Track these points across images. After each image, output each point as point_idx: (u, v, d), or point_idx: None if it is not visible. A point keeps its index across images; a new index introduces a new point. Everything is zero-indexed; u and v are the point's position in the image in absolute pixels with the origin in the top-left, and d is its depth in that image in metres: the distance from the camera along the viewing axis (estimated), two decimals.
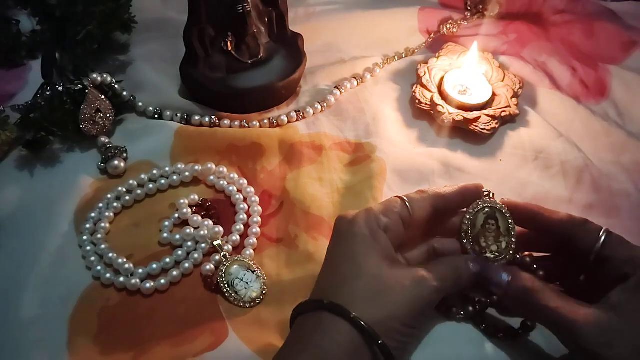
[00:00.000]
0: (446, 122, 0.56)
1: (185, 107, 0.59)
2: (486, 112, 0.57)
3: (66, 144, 0.56)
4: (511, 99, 0.59)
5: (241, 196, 0.53)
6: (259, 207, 0.52)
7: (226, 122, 0.58)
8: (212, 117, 0.58)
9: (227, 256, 0.48)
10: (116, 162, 0.53)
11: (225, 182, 0.54)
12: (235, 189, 0.53)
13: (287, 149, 0.56)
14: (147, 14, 0.68)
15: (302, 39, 0.61)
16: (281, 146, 0.56)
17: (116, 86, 0.58)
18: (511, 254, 0.43)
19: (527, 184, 0.54)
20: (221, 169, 0.54)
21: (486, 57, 0.63)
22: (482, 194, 0.44)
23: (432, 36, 0.68)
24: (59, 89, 0.56)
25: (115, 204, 0.51)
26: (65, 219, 0.50)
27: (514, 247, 0.43)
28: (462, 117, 0.56)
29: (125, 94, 0.59)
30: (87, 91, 0.55)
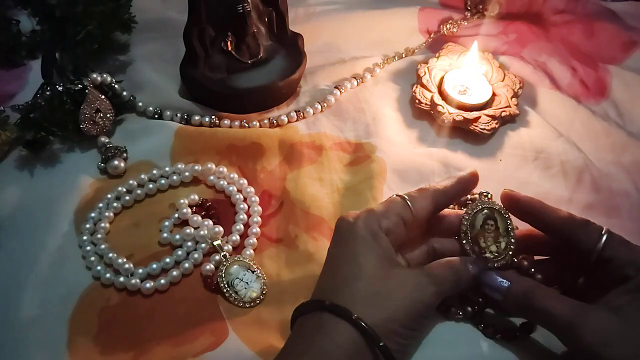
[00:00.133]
0: (446, 122, 0.56)
1: (185, 107, 0.59)
2: (486, 112, 0.57)
3: (66, 144, 0.56)
4: (511, 99, 0.59)
5: (241, 196, 0.53)
6: (259, 207, 0.52)
7: (226, 122, 0.58)
8: (212, 117, 0.58)
9: (227, 256, 0.48)
10: (116, 162, 0.54)
11: (225, 182, 0.54)
12: (235, 189, 0.53)
13: (287, 149, 0.56)
14: (147, 14, 0.68)
15: (302, 39, 0.61)
16: (281, 146, 0.56)
17: (116, 86, 0.58)
18: (510, 254, 0.43)
19: (527, 184, 0.54)
20: (221, 169, 0.54)
21: (486, 57, 0.62)
22: (481, 195, 0.44)
23: (432, 36, 0.68)
24: (59, 89, 0.56)
25: (115, 204, 0.51)
26: (65, 219, 0.50)
27: (513, 248, 0.43)
28: (462, 117, 0.56)
29: (125, 94, 0.59)
30: (87, 91, 0.55)
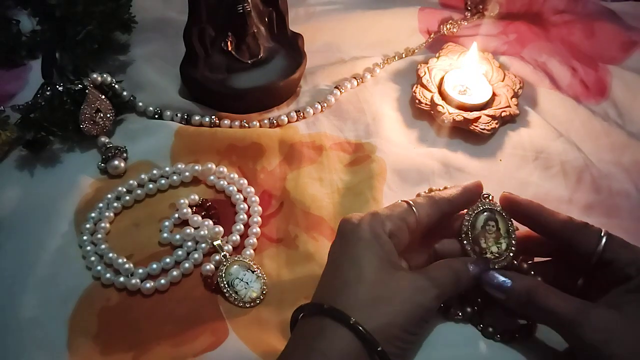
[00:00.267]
0: (446, 122, 0.56)
1: (185, 107, 0.59)
2: (486, 112, 0.57)
3: (66, 144, 0.56)
4: (511, 99, 0.59)
5: (241, 196, 0.53)
6: (259, 207, 0.52)
7: (226, 122, 0.58)
8: (212, 117, 0.58)
9: (227, 256, 0.48)
10: (116, 162, 0.53)
11: (225, 182, 0.54)
12: (235, 189, 0.53)
13: (287, 149, 0.56)
14: (147, 14, 0.68)
15: (302, 39, 0.61)
16: (281, 146, 0.56)
17: (116, 86, 0.58)
18: (511, 256, 0.43)
19: (527, 184, 0.54)
20: (221, 169, 0.54)
21: (486, 57, 0.62)
22: (482, 196, 0.44)
23: (432, 36, 0.68)
24: (59, 89, 0.56)
25: (115, 204, 0.51)
26: (65, 219, 0.50)
27: (513, 250, 0.43)
28: (462, 117, 0.56)
29: (125, 94, 0.59)
30: (87, 91, 0.55)
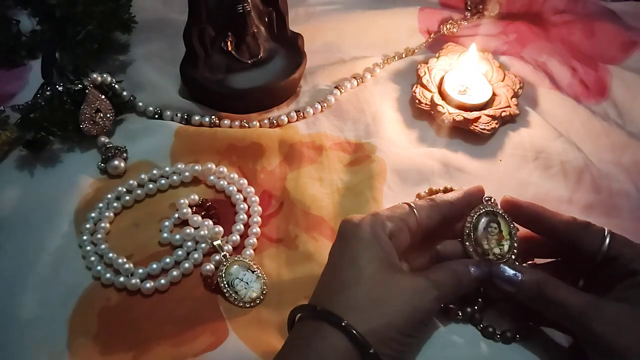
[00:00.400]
0: (446, 122, 0.56)
1: (185, 107, 0.59)
2: (486, 112, 0.57)
3: (66, 144, 0.56)
4: (511, 99, 0.59)
5: (241, 196, 0.53)
6: (259, 207, 0.52)
7: (226, 122, 0.58)
8: (212, 117, 0.58)
9: (227, 256, 0.48)
10: (116, 162, 0.53)
11: (225, 182, 0.54)
12: (235, 189, 0.53)
13: (287, 149, 0.56)
14: (147, 14, 0.68)
15: (302, 39, 0.61)
16: (281, 146, 0.56)
17: (116, 86, 0.58)
18: (513, 257, 0.43)
19: (527, 184, 0.54)
20: (221, 169, 0.54)
21: (486, 57, 0.62)
22: (484, 199, 0.44)
23: (432, 36, 0.68)
24: (59, 89, 0.56)
25: (115, 204, 0.51)
26: (65, 219, 0.50)
27: (515, 251, 0.43)
28: (462, 117, 0.56)
29: (125, 94, 0.59)
30: (87, 91, 0.55)
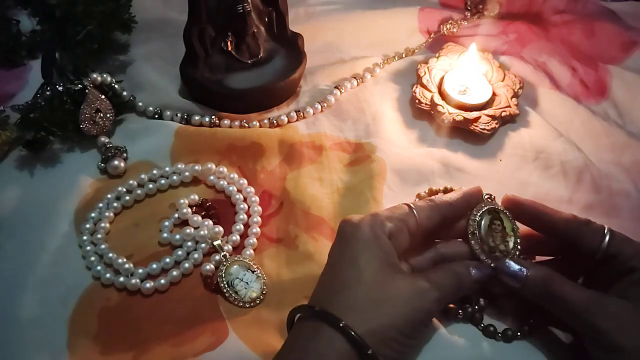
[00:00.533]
0: (446, 122, 0.56)
1: (185, 107, 0.59)
2: (486, 112, 0.57)
3: (66, 144, 0.56)
4: (511, 99, 0.59)
5: (241, 196, 0.53)
6: (259, 207, 0.52)
7: (226, 122, 0.58)
8: (212, 117, 0.58)
9: (227, 256, 0.48)
10: (116, 162, 0.53)
11: (225, 182, 0.54)
12: (235, 189, 0.53)
13: (287, 149, 0.56)
14: (147, 14, 0.68)
15: (302, 39, 0.61)
16: (281, 146, 0.56)
17: (116, 86, 0.58)
18: (517, 254, 0.43)
19: (527, 184, 0.54)
20: (221, 169, 0.54)
21: (486, 57, 0.62)
22: (484, 197, 0.45)
23: (432, 36, 0.68)
24: (59, 89, 0.56)
25: (115, 204, 0.51)
26: (65, 219, 0.50)
27: (519, 247, 0.43)
28: (462, 117, 0.56)
29: (125, 94, 0.59)
30: (87, 91, 0.55)
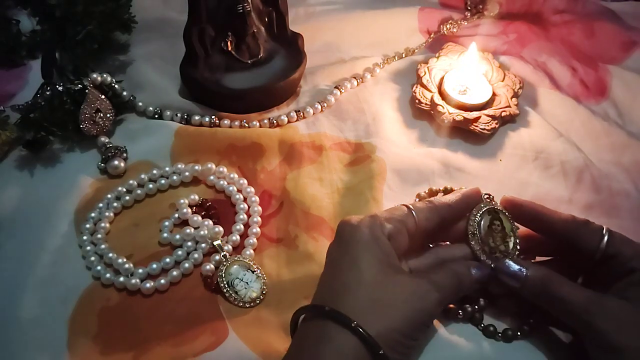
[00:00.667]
0: (446, 122, 0.56)
1: (185, 107, 0.59)
2: (486, 112, 0.57)
3: (66, 144, 0.56)
4: (511, 99, 0.59)
5: (241, 196, 0.53)
6: (259, 207, 0.52)
7: (226, 122, 0.58)
8: (212, 117, 0.58)
9: (227, 256, 0.48)
10: (116, 162, 0.53)
11: (225, 182, 0.54)
12: (235, 189, 0.53)
13: (287, 149, 0.56)
14: (147, 14, 0.68)
15: (302, 39, 0.61)
16: (281, 146, 0.56)
17: (116, 86, 0.58)
18: (517, 254, 0.43)
19: (527, 184, 0.54)
20: (221, 169, 0.54)
21: (486, 57, 0.62)
22: (483, 197, 0.45)
23: (432, 36, 0.68)
24: (59, 89, 0.56)
25: (115, 204, 0.51)
26: (65, 219, 0.50)
27: (519, 248, 0.43)
28: (462, 117, 0.56)
29: (125, 94, 0.59)
30: (87, 91, 0.55)
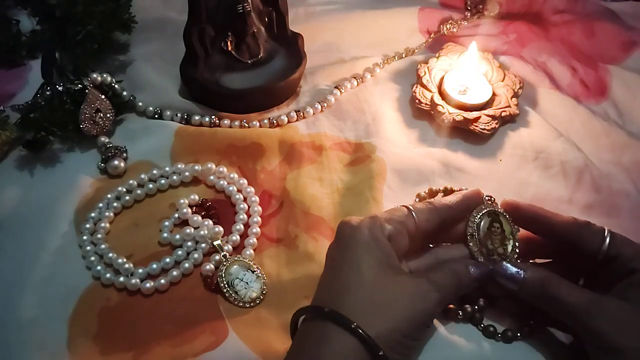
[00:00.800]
0: (446, 122, 0.56)
1: (185, 107, 0.59)
2: (486, 112, 0.57)
3: (66, 144, 0.56)
4: (511, 99, 0.59)
5: (241, 196, 0.53)
6: (259, 207, 0.52)
7: (226, 122, 0.58)
8: (212, 117, 0.58)
9: (227, 256, 0.48)
10: (116, 162, 0.53)
11: (225, 182, 0.54)
12: (235, 188, 0.53)
13: (287, 149, 0.56)
14: (147, 14, 0.68)
15: (302, 39, 0.61)
16: (281, 146, 0.56)
17: (116, 86, 0.58)
18: (515, 257, 0.43)
19: (527, 184, 0.54)
20: (221, 169, 0.54)
21: (486, 57, 0.62)
22: (484, 199, 0.44)
23: (432, 36, 0.68)
24: (59, 89, 0.56)
25: (115, 204, 0.51)
26: (65, 219, 0.50)
27: (517, 251, 0.43)
28: (462, 117, 0.56)
29: (125, 94, 0.59)
30: (87, 91, 0.55)
